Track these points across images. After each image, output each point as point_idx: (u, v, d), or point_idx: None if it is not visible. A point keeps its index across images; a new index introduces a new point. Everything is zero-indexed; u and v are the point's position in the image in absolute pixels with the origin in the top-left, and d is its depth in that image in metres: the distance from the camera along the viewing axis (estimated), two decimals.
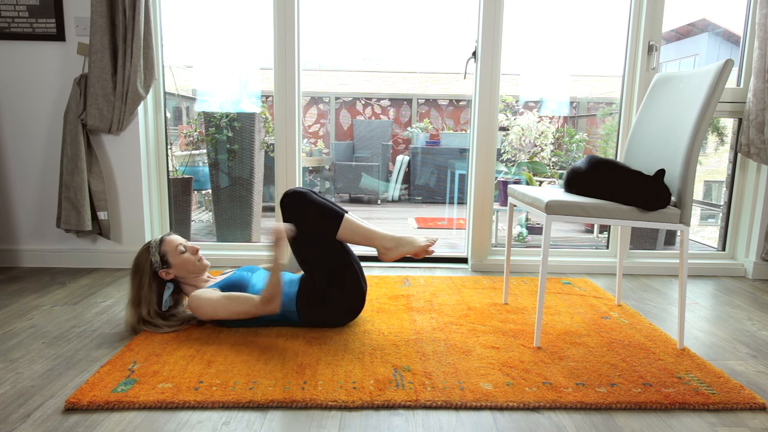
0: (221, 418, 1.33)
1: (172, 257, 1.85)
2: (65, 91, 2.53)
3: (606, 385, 1.51)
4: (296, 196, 1.80)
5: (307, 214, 1.79)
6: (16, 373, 1.54)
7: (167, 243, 1.87)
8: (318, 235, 1.81)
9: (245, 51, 3.49)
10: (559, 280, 2.59)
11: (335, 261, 1.83)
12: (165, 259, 1.85)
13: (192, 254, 1.88)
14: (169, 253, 1.85)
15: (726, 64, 1.67)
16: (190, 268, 1.87)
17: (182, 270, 1.87)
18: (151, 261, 1.84)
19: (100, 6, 2.34)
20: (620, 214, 1.72)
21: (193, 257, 1.88)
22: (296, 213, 1.79)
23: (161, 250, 1.86)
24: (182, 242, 1.89)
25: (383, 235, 1.84)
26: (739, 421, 1.37)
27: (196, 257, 1.89)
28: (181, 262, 1.86)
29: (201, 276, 1.92)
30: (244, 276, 1.90)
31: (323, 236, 1.81)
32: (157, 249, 1.85)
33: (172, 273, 1.86)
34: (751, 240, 2.76)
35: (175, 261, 1.85)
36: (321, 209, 1.80)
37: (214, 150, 3.48)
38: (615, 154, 2.91)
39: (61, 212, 2.48)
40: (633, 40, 2.66)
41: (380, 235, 1.83)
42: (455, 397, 1.42)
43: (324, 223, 1.79)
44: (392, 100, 7.47)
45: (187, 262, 1.86)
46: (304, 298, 1.83)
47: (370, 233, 1.83)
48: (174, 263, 1.85)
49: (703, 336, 1.94)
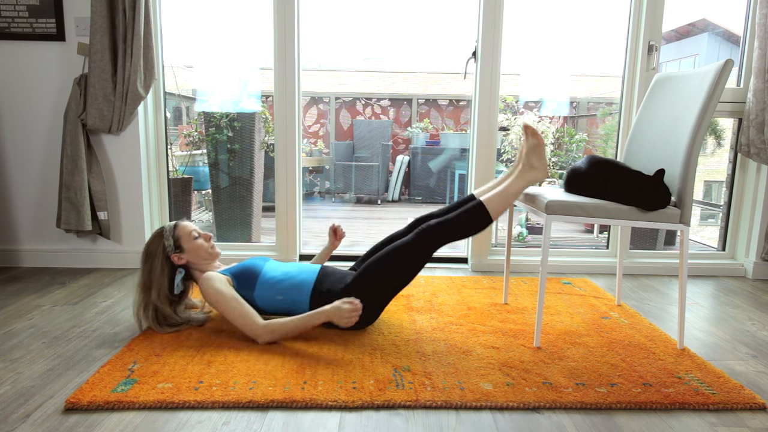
0: (221, 418, 1.33)
1: (186, 242, 1.85)
2: (65, 91, 2.53)
3: (606, 385, 1.51)
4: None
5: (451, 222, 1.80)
6: (16, 373, 1.54)
7: (181, 228, 1.87)
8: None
9: (245, 51, 3.49)
10: (559, 280, 2.59)
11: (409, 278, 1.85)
12: (178, 244, 1.85)
13: (205, 241, 1.89)
14: (182, 238, 1.85)
15: (726, 64, 1.67)
16: (203, 254, 1.87)
17: (195, 256, 1.87)
18: (164, 245, 1.84)
19: (100, 6, 2.34)
20: (620, 214, 1.72)
21: (206, 244, 1.89)
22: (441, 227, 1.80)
23: (175, 234, 1.86)
24: (196, 228, 1.90)
25: (518, 172, 1.86)
26: (739, 421, 1.37)
27: (209, 244, 1.89)
28: (194, 247, 1.86)
29: (212, 263, 1.93)
30: (257, 264, 1.90)
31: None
32: (171, 233, 1.85)
33: (184, 258, 1.86)
34: (751, 240, 2.76)
35: (188, 246, 1.85)
36: (461, 220, 1.80)
37: (214, 150, 3.48)
38: (615, 154, 2.91)
39: (61, 212, 2.48)
40: (633, 40, 2.66)
41: (515, 176, 1.86)
42: (455, 397, 1.42)
43: (474, 220, 1.80)
44: (392, 100, 7.47)
45: (200, 248, 1.87)
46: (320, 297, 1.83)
47: (506, 191, 1.83)
48: (187, 248, 1.85)
49: (703, 336, 1.94)
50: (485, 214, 1.80)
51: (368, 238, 4.41)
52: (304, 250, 2.91)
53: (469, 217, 1.80)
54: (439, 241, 1.80)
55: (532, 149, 1.87)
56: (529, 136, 1.88)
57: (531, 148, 1.87)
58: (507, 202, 1.84)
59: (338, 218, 5.57)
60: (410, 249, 1.79)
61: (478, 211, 1.80)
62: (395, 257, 1.80)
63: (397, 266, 1.80)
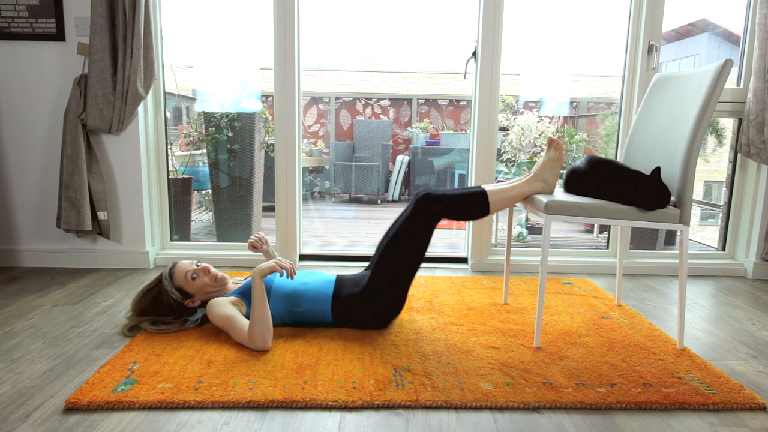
0: (221, 418, 1.33)
1: (189, 287, 1.82)
2: (65, 91, 2.53)
3: (606, 385, 1.51)
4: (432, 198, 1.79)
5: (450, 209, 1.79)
6: (16, 373, 1.54)
7: (177, 276, 1.83)
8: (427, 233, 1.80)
9: (245, 51, 3.49)
10: (559, 280, 2.59)
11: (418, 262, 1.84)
12: (183, 291, 1.83)
13: (204, 275, 1.84)
14: (183, 285, 1.82)
15: (725, 64, 1.67)
16: (209, 289, 1.85)
17: (203, 293, 1.85)
18: (173, 299, 1.82)
19: (100, 6, 2.34)
20: (620, 214, 1.72)
21: (207, 278, 1.84)
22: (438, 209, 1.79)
23: (176, 285, 1.82)
24: (190, 269, 1.84)
25: (528, 179, 1.87)
26: (739, 421, 1.37)
27: (210, 277, 1.84)
28: (198, 287, 1.83)
29: (224, 288, 1.90)
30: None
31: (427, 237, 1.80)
32: (171, 285, 1.82)
33: (197, 300, 1.85)
34: (751, 240, 2.76)
35: (191, 289, 1.83)
36: (460, 198, 1.79)
37: (214, 150, 3.48)
38: (615, 154, 2.91)
39: (61, 212, 2.48)
40: (633, 40, 2.66)
41: (524, 181, 1.86)
42: (455, 397, 1.42)
43: (473, 203, 1.79)
44: (392, 100, 7.46)
45: (204, 286, 1.83)
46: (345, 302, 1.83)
47: (510, 189, 1.84)
48: (193, 291, 1.83)
49: (703, 336, 1.94)
50: (485, 203, 1.80)
51: (368, 238, 4.41)
52: (304, 250, 2.91)
53: (469, 199, 1.79)
54: (438, 209, 1.76)
55: (550, 162, 1.87)
56: (552, 148, 1.88)
57: (549, 159, 1.87)
58: (508, 202, 1.84)
59: (338, 218, 5.57)
60: (413, 221, 1.77)
61: (479, 198, 1.80)
62: (402, 236, 1.78)
63: (407, 243, 1.78)
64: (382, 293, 1.81)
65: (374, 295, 1.80)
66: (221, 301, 1.78)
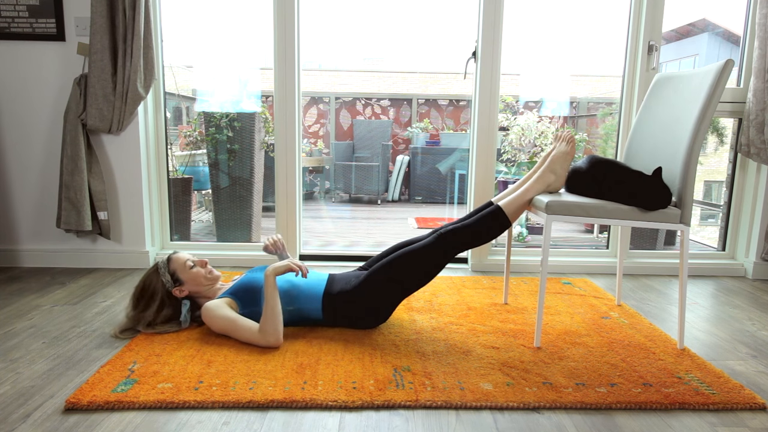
0: (221, 418, 1.33)
1: (183, 273, 1.84)
2: (65, 91, 2.53)
3: (606, 385, 1.51)
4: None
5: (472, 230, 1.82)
6: (16, 373, 1.54)
7: (175, 261, 1.86)
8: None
9: (245, 51, 3.49)
10: (559, 280, 2.59)
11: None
12: (176, 277, 1.84)
13: (201, 267, 1.87)
14: (178, 270, 1.84)
15: (726, 64, 1.67)
16: (202, 281, 1.86)
17: (194, 284, 1.86)
18: (163, 281, 1.83)
19: (100, 6, 2.34)
20: (620, 214, 1.72)
21: (203, 270, 1.87)
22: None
23: (170, 268, 1.85)
24: (189, 257, 1.88)
25: (538, 176, 1.88)
26: (739, 421, 1.37)
27: (206, 270, 1.88)
28: (192, 276, 1.85)
29: (214, 287, 1.91)
30: (255, 277, 1.85)
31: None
32: (165, 269, 1.84)
33: (185, 290, 1.85)
34: (751, 240, 2.76)
35: (186, 277, 1.84)
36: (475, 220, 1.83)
37: (214, 150, 3.48)
38: (615, 154, 2.91)
39: (61, 212, 2.48)
40: (633, 40, 2.66)
41: (534, 180, 1.88)
42: (455, 397, 1.42)
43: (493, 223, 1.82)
44: (392, 100, 7.47)
45: (198, 276, 1.85)
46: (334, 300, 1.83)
47: (523, 194, 1.86)
48: (185, 279, 1.84)
49: (703, 336, 1.94)
50: (503, 217, 1.82)
51: (368, 238, 4.41)
52: (304, 250, 2.91)
53: (487, 221, 1.82)
54: (459, 244, 1.80)
55: (562, 155, 1.88)
56: (563, 142, 1.90)
57: (560, 153, 1.89)
58: (524, 206, 1.87)
59: (338, 218, 5.57)
60: (427, 251, 1.80)
61: (496, 215, 1.82)
62: (412, 258, 1.80)
63: (412, 267, 1.80)
64: (374, 292, 1.81)
65: (365, 291, 1.81)
66: (217, 303, 1.77)
